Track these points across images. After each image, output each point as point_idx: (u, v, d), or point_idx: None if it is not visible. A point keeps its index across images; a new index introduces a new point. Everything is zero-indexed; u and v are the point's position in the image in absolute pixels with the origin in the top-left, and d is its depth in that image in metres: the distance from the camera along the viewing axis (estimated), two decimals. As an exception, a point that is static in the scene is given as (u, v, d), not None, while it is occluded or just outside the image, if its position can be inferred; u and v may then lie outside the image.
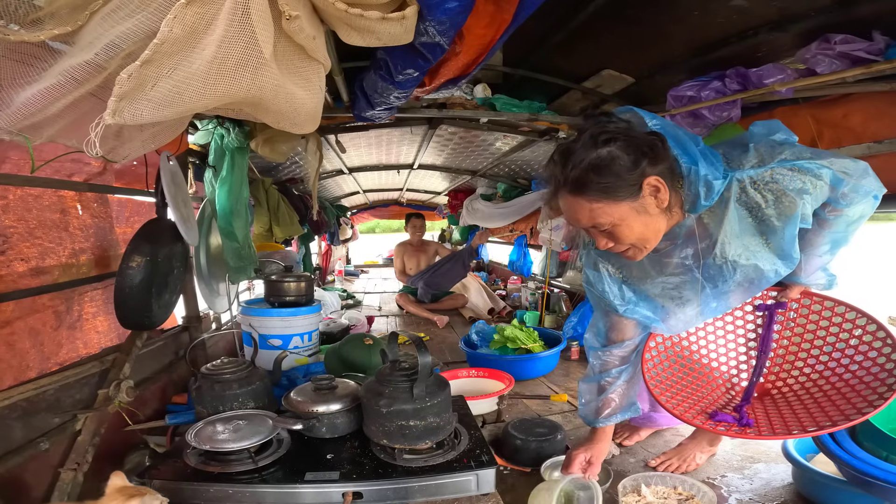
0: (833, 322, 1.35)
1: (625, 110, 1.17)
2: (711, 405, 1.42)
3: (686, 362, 1.51)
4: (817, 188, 1.12)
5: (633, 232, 1.13)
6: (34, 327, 1.49)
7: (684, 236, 1.23)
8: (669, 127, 1.14)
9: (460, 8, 0.89)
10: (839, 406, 1.22)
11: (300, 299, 2.36)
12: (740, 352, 1.52)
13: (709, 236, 1.21)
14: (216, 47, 0.75)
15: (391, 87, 1.47)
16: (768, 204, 1.13)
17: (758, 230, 1.18)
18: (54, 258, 1.60)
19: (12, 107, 0.90)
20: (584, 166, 1.06)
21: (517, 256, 5.09)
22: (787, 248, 1.17)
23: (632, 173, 1.06)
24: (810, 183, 1.11)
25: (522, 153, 3.61)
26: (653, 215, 1.13)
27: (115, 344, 1.81)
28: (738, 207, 1.15)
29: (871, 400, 1.16)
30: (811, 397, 1.33)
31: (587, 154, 1.06)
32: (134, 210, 2.08)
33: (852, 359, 1.29)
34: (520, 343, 2.73)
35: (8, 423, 1.23)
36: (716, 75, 1.87)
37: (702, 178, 1.09)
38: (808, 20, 1.50)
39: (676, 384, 1.44)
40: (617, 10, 1.62)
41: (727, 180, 1.13)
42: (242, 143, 2.27)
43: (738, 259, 1.20)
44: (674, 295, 1.33)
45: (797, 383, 1.40)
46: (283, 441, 1.40)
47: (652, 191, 1.09)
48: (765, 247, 1.19)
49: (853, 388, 1.24)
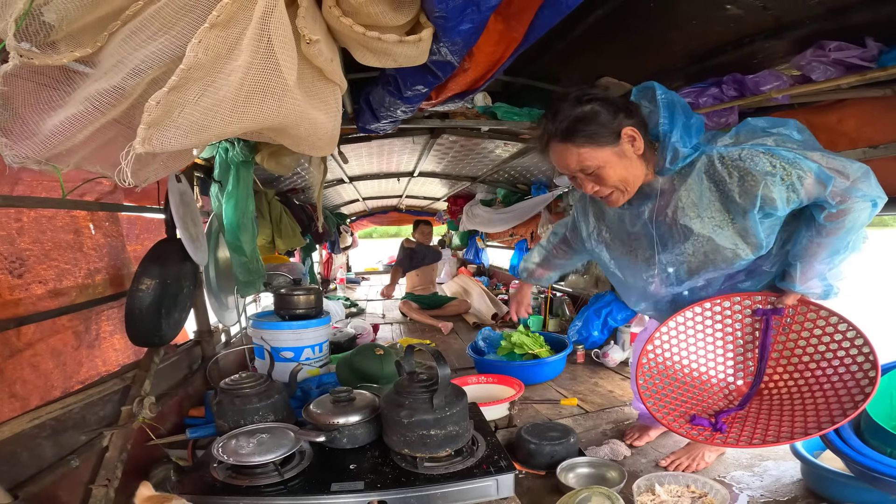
0: (826, 332, 1.38)
1: (648, 86, 1.32)
2: (706, 410, 1.46)
3: (678, 375, 1.55)
4: (792, 177, 1.18)
5: (615, 173, 1.29)
6: (56, 348, 1.51)
7: (651, 195, 1.37)
8: (673, 96, 1.28)
9: (473, 29, 0.92)
10: (818, 414, 1.25)
11: (310, 311, 2.38)
12: (737, 356, 1.55)
13: (670, 199, 1.34)
14: (243, 73, 0.76)
15: (399, 101, 1.51)
16: (732, 180, 1.23)
17: (723, 206, 1.27)
18: (71, 279, 1.62)
19: (39, 135, 0.91)
20: (571, 119, 1.25)
21: (518, 261, 5.12)
22: (752, 231, 1.25)
23: (611, 123, 1.25)
24: (782, 169, 1.18)
25: (522, 160, 3.65)
26: (631, 160, 1.29)
27: (132, 361, 1.82)
28: (703, 178, 1.27)
29: (835, 415, 1.20)
30: (792, 404, 1.37)
31: (573, 110, 1.25)
32: (144, 227, 2.10)
33: (836, 370, 1.32)
34: (527, 348, 2.76)
35: (38, 441, 1.25)
36: (713, 82, 1.90)
37: (671, 144, 1.25)
38: (803, 27, 1.53)
39: (668, 394, 1.49)
40: (617, 20, 1.66)
41: (697, 153, 1.27)
42: (248, 156, 2.29)
43: (691, 226, 1.31)
44: (634, 246, 1.50)
45: (785, 387, 1.43)
46: (305, 453, 1.42)
47: (629, 139, 1.27)
48: (728, 224, 1.28)
49: (828, 399, 1.28)
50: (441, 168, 4.45)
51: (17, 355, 1.38)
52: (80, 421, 1.39)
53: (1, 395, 1.30)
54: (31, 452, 1.22)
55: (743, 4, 1.47)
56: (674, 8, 1.57)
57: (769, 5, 1.46)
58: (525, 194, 4.68)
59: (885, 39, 1.44)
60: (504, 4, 0.94)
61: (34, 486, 1.17)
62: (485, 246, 6.91)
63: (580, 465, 1.65)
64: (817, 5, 1.41)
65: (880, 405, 1.36)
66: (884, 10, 1.34)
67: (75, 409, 1.37)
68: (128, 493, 1.48)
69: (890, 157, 1.63)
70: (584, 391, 2.47)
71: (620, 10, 1.58)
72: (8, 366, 1.34)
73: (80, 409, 1.39)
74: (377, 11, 0.82)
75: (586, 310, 3.14)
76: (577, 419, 2.12)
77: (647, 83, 1.33)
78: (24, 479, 1.18)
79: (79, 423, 1.39)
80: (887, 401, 1.39)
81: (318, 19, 0.87)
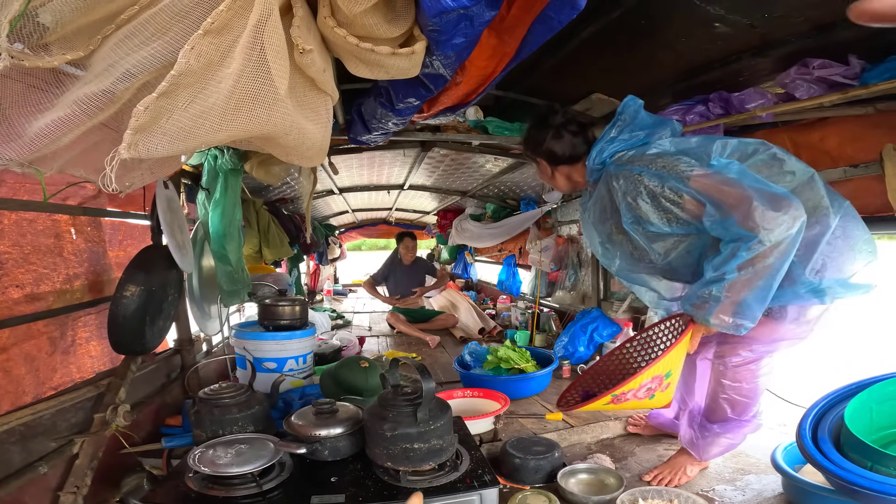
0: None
1: (631, 101, 1.58)
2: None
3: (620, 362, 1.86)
4: (643, 191, 1.43)
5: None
6: (29, 353, 1.47)
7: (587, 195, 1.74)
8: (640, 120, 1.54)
9: (466, 43, 0.93)
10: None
11: (295, 323, 2.35)
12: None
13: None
14: (234, 81, 0.76)
15: (391, 114, 1.52)
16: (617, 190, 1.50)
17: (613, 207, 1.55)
18: (49, 284, 1.59)
19: (25, 137, 0.89)
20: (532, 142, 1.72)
21: (506, 276, 5.13)
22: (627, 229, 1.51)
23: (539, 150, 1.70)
24: (633, 184, 1.45)
25: (512, 175, 3.68)
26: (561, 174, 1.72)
27: (108, 368, 1.78)
28: (602, 186, 1.58)
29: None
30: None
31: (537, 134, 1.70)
32: (127, 233, 2.07)
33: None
34: (513, 363, 2.75)
35: (6, 447, 1.22)
36: (699, 99, 1.95)
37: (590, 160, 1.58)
38: (788, 45, 1.57)
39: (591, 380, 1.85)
40: (608, 37, 1.69)
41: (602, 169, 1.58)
42: (236, 164, 2.28)
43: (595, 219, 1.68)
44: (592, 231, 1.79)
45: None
46: (285, 465, 1.39)
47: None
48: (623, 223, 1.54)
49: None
50: (431, 181, 4.47)
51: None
52: (50, 427, 1.37)
53: (-30, 400, 1.26)
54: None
55: (731, 22, 1.50)
56: (664, 26, 1.61)
57: (756, 23, 1.50)
58: (514, 210, 4.71)
59: (869, 56, 1.47)
60: (497, 19, 0.96)
61: (0, 491, 1.14)
62: (473, 261, 6.92)
63: (580, 471, 1.69)
64: (803, 22, 1.44)
65: (860, 420, 1.38)
66: (867, 28, 1.37)
67: (46, 415, 1.34)
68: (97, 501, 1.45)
69: (870, 177, 1.66)
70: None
71: (611, 28, 1.62)
72: (-21, 370, 1.31)
73: (51, 415, 1.36)
74: (371, 23, 0.83)
75: (573, 325, 3.15)
76: (561, 433, 2.10)
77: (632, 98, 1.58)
78: None
79: (49, 430, 1.36)
80: (867, 416, 1.41)
81: (313, 29, 0.87)
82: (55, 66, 0.81)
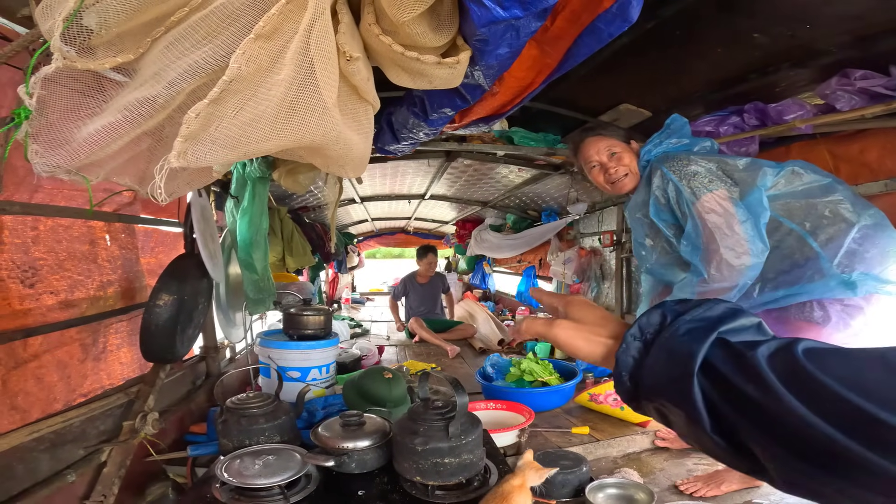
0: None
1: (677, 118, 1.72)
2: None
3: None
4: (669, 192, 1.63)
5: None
6: (62, 360, 1.48)
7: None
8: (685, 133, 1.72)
9: (510, 54, 0.92)
10: None
11: (319, 332, 2.34)
12: None
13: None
14: (285, 88, 0.73)
15: (423, 124, 1.51)
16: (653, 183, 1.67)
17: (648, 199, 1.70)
18: (83, 291, 1.60)
19: (72, 144, 0.89)
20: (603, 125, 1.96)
21: (526, 287, 5.08)
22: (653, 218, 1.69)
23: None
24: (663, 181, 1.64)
25: (535, 186, 3.66)
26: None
27: (137, 375, 1.79)
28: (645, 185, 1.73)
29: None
30: None
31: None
32: (159, 240, 2.09)
33: None
34: (536, 376, 2.71)
35: (35, 455, 1.22)
36: (734, 110, 1.91)
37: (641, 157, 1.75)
38: (829, 56, 1.54)
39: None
40: (640, 48, 1.67)
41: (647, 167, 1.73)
42: (265, 172, 2.29)
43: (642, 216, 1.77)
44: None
45: None
46: (311, 477, 1.37)
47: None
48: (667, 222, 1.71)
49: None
50: (452, 192, 4.46)
51: (21, 367, 1.35)
52: (79, 435, 1.36)
53: (1, 408, 1.25)
54: (27, 466, 1.20)
55: (771, 33, 1.48)
56: (699, 36, 1.59)
57: (797, 33, 1.47)
58: (535, 221, 4.68)
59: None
60: (540, 31, 0.94)
61: (27, 500, 1.14)
62: (492, 271, 6.88)
63: (609, 485, 1.64)
64: (845, 33, 1.41)
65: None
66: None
67: (76, 422, 1.34)
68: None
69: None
70: (594, 419, 2.40)
71: (644, 38, 1.59)
72: (11, 377, 1.31)
73: (80, 423, 1.36)
74: (418, 31, 0.82)
75: (596, 339, 3.08)
76: (587, 447, 2.05)
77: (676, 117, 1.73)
78: (17, 492, 1.15)
79: (78, 437, 1.36)
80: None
81: (356, 37, 0.87)
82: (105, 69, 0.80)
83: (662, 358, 0.46)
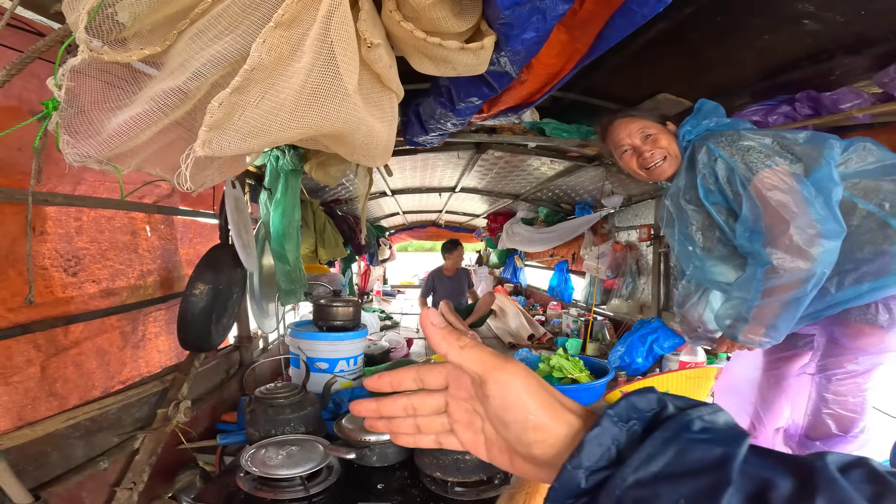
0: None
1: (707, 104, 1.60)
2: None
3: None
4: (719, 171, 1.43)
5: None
6: (101, 347, 1.54)
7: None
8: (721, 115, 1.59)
9: (537, 38, 0.88)
10: None
11: (348, 324, 2.36)
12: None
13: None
14: (305, 76, 0.73)
15: (450, 114, 1.48)
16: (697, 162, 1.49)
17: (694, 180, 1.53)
18: (124, 280, 1.66)
19: (102, 134, 0.92)
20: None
21: (558, 282, 4.99)
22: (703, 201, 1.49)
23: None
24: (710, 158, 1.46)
25: (568, 178, 3.57)
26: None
27: (173, 363, 1.85)
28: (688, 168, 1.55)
29: None
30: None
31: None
32: (197, 231, 2.15)
33: None
34: (566, 372, 2.64)
35: (70, 441, 1.25)
36: (784, 99, 1.79)
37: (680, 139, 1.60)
38: (886, 43, 1.43)
39: None
40: (679, 35, 1.58)
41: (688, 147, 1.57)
42: (297, 165, 2.32)
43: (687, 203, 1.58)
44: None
45: None
46: (332, 469, 1.38)
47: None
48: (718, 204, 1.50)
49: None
50: (483, 184, 4.41)
51: (61, 353, 1.40)
52: (115, 422, 1.40)
53: (39, 394, 1.30)
54: (62, 452, 1.22)
55: (822, 19, 1.37)
56: (744, 23, 1.49)
57: (851, 20, 1.36)
58: (568, 214, 4.57)
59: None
60: (569, 14, 0.89)
61: (59, 487, 1.16)
62: (523, 265, 6.80)
63: None
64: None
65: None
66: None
67: (112, 409, 1.37)
68: (151, 496, 1.47)
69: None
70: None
71: (684, 25, 1.51)
72: (51, 364, 1.36)
73: (116, 410, 1.40)
74: (439, 17, 0.79)
75: (630, 335, 2.99)
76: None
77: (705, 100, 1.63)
78: (50, 479, 1.17)
79: (114, 425, 1.39)
80: None
81: (378, 23, 0.85)
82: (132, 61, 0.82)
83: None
